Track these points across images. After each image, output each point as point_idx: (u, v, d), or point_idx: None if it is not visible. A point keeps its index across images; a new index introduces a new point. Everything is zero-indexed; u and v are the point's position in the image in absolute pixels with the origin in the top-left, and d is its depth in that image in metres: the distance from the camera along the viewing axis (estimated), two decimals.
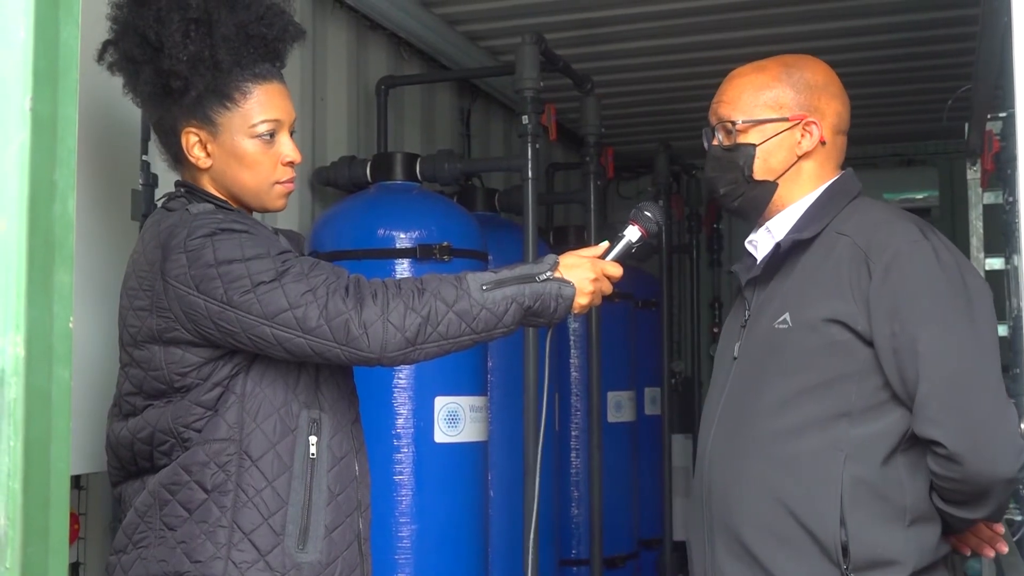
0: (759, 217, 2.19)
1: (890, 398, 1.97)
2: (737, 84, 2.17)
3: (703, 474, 2.12)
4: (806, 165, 2.14)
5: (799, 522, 1.96)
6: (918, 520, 1.96)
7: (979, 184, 4.03)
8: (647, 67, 5.32)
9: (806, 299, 2.03)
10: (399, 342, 1.92)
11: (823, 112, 2.13)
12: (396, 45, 4.68)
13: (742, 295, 2.20)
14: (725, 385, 2.14)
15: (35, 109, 1.15)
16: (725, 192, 2.16)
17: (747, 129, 2.13)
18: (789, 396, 2.01)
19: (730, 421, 2.10)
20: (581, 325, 4.99)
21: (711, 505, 2.08)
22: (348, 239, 3.64)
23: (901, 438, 1.96)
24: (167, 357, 1.96)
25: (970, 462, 1.88)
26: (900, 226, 2.02)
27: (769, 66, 2.17)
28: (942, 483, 1.93)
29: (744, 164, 2.13)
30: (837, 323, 1.97)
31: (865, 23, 4.67)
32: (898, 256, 1.96)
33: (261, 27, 2.05)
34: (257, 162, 2.06)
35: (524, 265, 2.06)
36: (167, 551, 1.95)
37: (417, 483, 3.49)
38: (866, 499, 1.94)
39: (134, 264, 2.03)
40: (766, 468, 2.01)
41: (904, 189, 6.50)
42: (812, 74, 2.15)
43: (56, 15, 1.17)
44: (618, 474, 5.31)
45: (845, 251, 2.01)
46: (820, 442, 1.97)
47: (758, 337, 2.10)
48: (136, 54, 2.01)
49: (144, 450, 2.00)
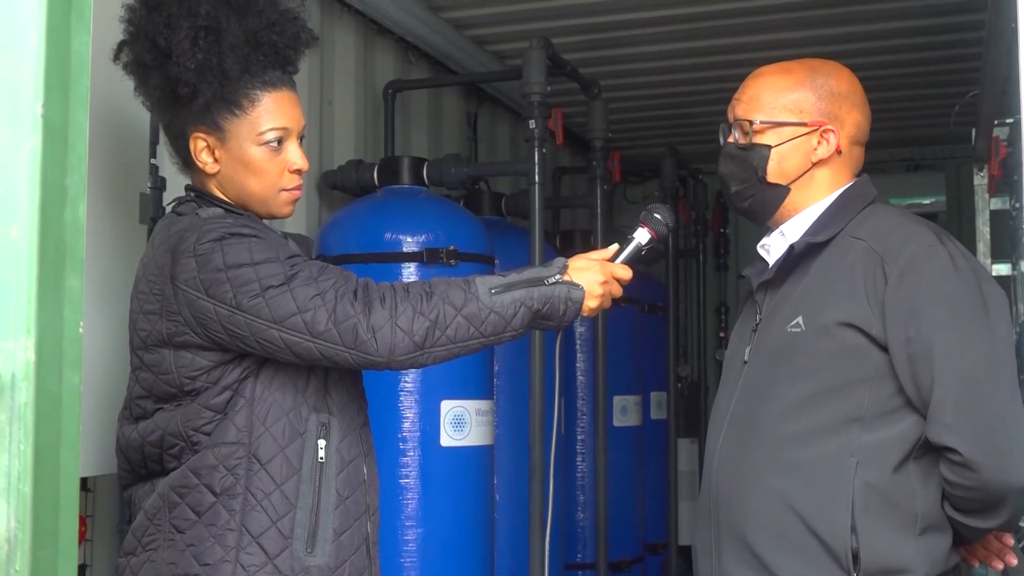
0: (768, 220, 2.17)
1: (903, 404, 1.94)
2: (759, 83, 2.14)
3: (711, 478, 2.10)
4: (820, 173, 2.12)
5: (809, 528, 1.94)
6: (929, 529, 1.94)
7: (986, 190, 4.03)
8: (654, 72, 5.32)
9: (820, 303, 2.00)
10: (407, 346, 1.92)
11: (843, 121, 2.11)
12: (404, 49, 4.69)
13: (753, 299, 2.18)
14: (735, 389, 2.11)
15: (46, 115, 1.16)
16: (736, 191, 2.15)
17: (764, 130, 2.11)
18: (801, 400, 1.99)
19: (740, 425, 2.07)
20: (587, 329, 4.99)
21: (718, 509, 2.06)
22: (355, 243, 3.65)
23: (914, 445, 1.94)
24: (177, 361, 1.96)
25: (985, 469, 1.86)
26: (916, 231, 2.00)
27: (794, 68, 2.14)
28: (955, 491, 1.91)
29: (758, 165, 2.11)
30: (851, 327, 1.95)
31: (873, 28, 4.67)
32: (914, 261, 1.94)
33: (272, 34, 2.05)
34: (264, 169, 2.06)
35: (533, 268, 2.06)
36: (176, 553, 1.95)
37: (423, 487, 3.50)
38: (877, 506, 1.92)
39: (144, 268, 2.03)
40: (776, 473, 1.99)
41: (911, 194, 6.49)
42: (837, 82, 2.12)
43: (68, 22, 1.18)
44: (623, 478, 5.31)
45: (860, 255, 1.99)
46: (831, 447, 1.95)
47: (770, 341, 2.07)
48: (146, 58, 2.01)
49: (154, 453, 2.01)
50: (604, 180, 4.70)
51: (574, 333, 5.08)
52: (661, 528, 5.87)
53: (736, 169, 2.14)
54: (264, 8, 2.05)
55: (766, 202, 2.14)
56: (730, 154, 2.15)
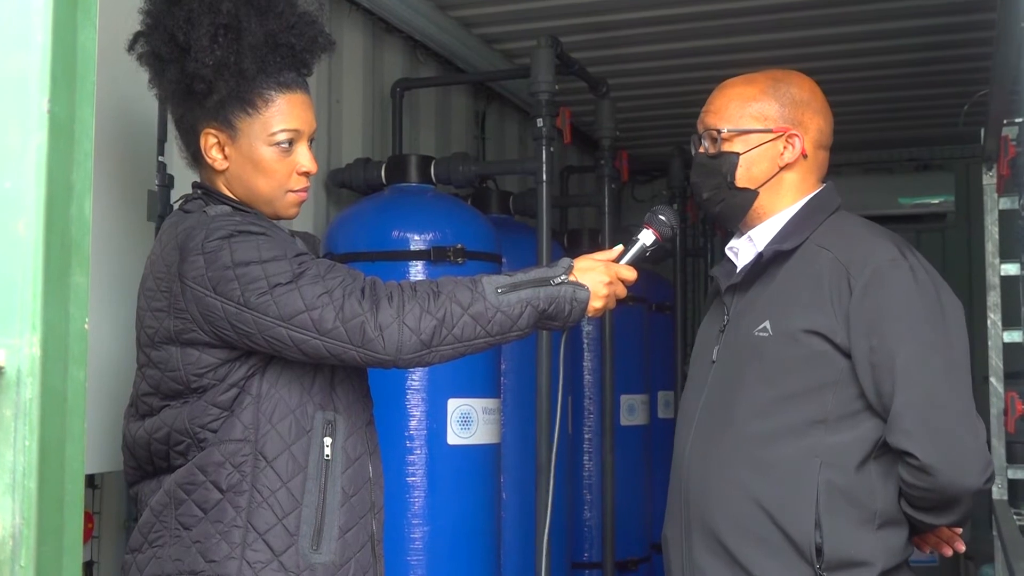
0: (739, 223, 2.26)
1: (864, 407, 2.05)
2: (726, 95, 2.25)
3: (681, 472, 2.19)
4: (787, 176, 2.21)
5: (775, 523, 2.04)
6: (887, 524, 2.05)
7: (995, 189, 4.02)
8: (662, 71, 5.31)
9: (787, 309, 2.10)
10: (414, 344, 1.93)
11: (806, 126, 2.21)
12: (412, 48, 4.69)
13: (720, 299, 2.27)
14: (703, 387, 2.21)
15: (53, 111, 1.16)
16: (708, 197, 2.24)
17: (732, 138, 2.20)
18: (768, 402, 2.09)
19: (709, 423, 2.17)
20: (595, 328, 4.99)
21: (688, 503, 2.16)
22: (363, 241, 3.65)
23: (874, 446, 2.04)
24: (184, 358, 1.97)
25: (941, 473, 1.96)
26: (879, 244, 2.10)
27: (758, 79, 2.25)
28: (912, 491, 2.01)
29: (727, 171, 2.20)
30: (817, 335, 2.05)
31: (881, 27, 4.66)
32: (877, 274, 2.04)
33: (290, 36, 2.06)
34: (273, 169, 2.07)
35: (539, 268, 2.07)
36: (182, 550, 1.96)
37: (430, 485, 3.50)
38: (840, 503, 2.02)
39: (151, 265, 2.04)
40: (744, 470, 2.08)
41: (920, 194, 6.46)
42: (798, 90, 2.23)
43: (74, 18, 1.18)
44: (630, 477, 5.31)
45: (827, 265, 2.08)
46: (797, 448, 2.05)
47: (737, 343, 2.17)
48: (164, 52, 2.02)
49: (160, 450, 2.01)
50: (612, 179, 4.70)
51: (581, 332, 5.07)
52: None
53: (707, 177, 2.24)
54: (284, 10, 2.06)
55: (736, 206, 2.23)
56: (701, 163, 2.26)
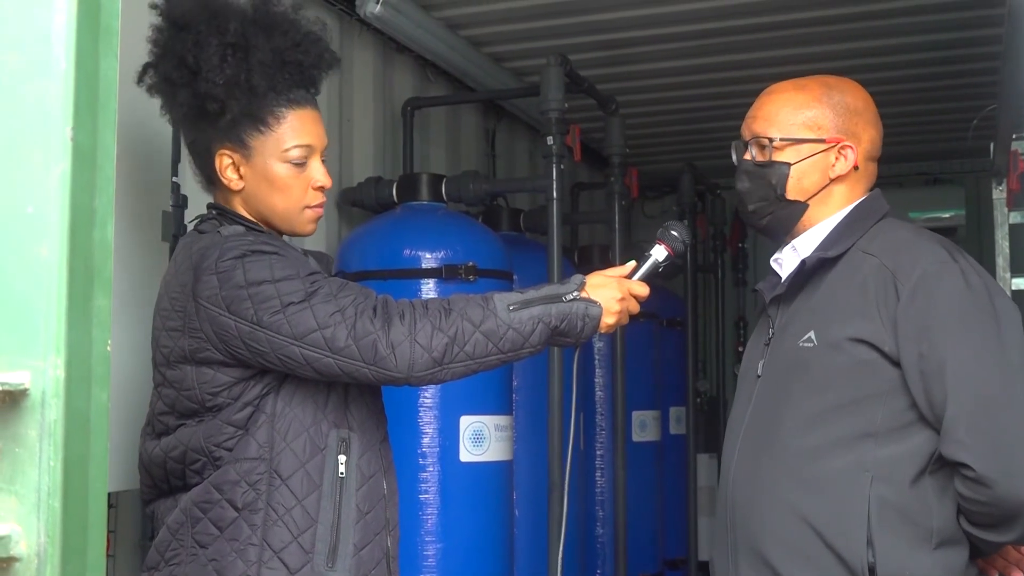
0: (786, 235, 2.18)
1: (917, 419, 1.95)
2: (776, 100, 2.15)
3: (727, 492, 2.11)
4: (837, 188, 2.13)
5: (825, 542, 1.95)
6: (945, 543, 1.94)
7: (1005, 204, 4.03)
8: (671, 87, 5.33)
9: (832, 318, 2.01)
10: (426, 362, 1.94)
11: (859, 137, 2.12)
12: (422, 67, 4.72)
13: (766, 313, 2.19)
14: (749, 403, 2.13)
15: (76, 139, 1.18)
16: (755, 209, 2.16)
17: (784, 147, 2.11)
18: (814, 415, 2.00)
19: (755, 439, 2.09)
20: (606, 344, 4.99)
21: (735, 523, 2.08)
22: (374, 259, 3.66)
23: (928, 459, 1.95)
24: (199, 377, 1.98)
25: (999, 485, 1.87)
26: (928, 247, 2.01)
27: (810, 85, 2.15)
28: (970, 506, 1.92)
29: (777, 183, 2.12)
30: (863, 343, 1.96)
31: (890, 43, 4.67)
32: (926, 277, 1.95)
33: (297, 54, 2.08)
34: (288, 186, 2.09)
35: (551, 285, 2.07)
36: (198, 568, 1.97)
37: (442, 502, 3.50)
38: (893, 521, 1.93)
39: (166, 286, 2.06)
40: (791, 487, 2.00)
41: (930, 208, 6.46)
42: (852, 98, 2.14)
43: (96, 48, 1.20)
44: (643, 493, 5.31)
45: (872, 271, 2.00)
46: (845, 462, 1.96)
47: (782, 355, 2.09)
48: (174, 76, 2.04)
49: (176, 468, 2.02)
50: (622, 196, 4.71)
51: (593, 348, 5.08)
52: (681, 543, 5.86)
53: (754, 186, 2.15)
54: (289, 29, 2.08)
55: (784, 219, 2.15)
56: (747, 171, 2.16)
